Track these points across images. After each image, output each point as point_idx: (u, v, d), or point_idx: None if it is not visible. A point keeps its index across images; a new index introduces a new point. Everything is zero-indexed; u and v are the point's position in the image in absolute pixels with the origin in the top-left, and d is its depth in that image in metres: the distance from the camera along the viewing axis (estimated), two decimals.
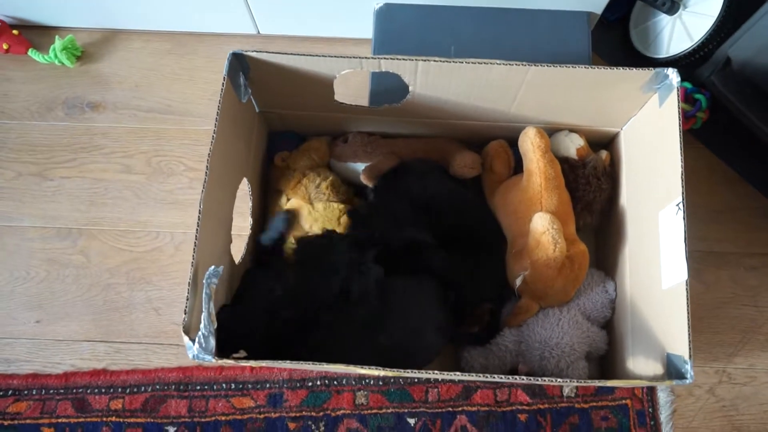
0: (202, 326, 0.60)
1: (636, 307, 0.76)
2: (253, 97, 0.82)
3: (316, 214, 0.83)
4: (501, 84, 0.74)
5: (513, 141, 0.86)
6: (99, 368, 0.90)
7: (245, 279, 0.79)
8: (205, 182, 0.64)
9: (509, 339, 0.81)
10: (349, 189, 0.90)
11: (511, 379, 0.59)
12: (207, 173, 0.64)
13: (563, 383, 0.60)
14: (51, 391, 0.89)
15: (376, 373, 0.58)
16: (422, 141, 0.91)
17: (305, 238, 0.81)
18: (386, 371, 0.58)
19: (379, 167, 0.86)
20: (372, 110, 0.84)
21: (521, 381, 0.58)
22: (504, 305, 0.85)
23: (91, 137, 1.04)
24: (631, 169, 0.83)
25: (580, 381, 0.61)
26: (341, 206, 0.85)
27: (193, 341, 0.59)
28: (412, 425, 0.87)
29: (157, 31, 1.11)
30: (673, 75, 0.68)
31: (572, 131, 0.87)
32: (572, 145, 0.86)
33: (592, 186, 0.84)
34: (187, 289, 0.60)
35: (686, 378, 0.59)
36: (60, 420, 0.87)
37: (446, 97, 0.79)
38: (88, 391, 0.88)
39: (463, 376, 0.60)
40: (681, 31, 0.95)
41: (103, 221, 0.99)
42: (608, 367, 0.83)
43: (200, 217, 0.63)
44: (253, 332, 0.71)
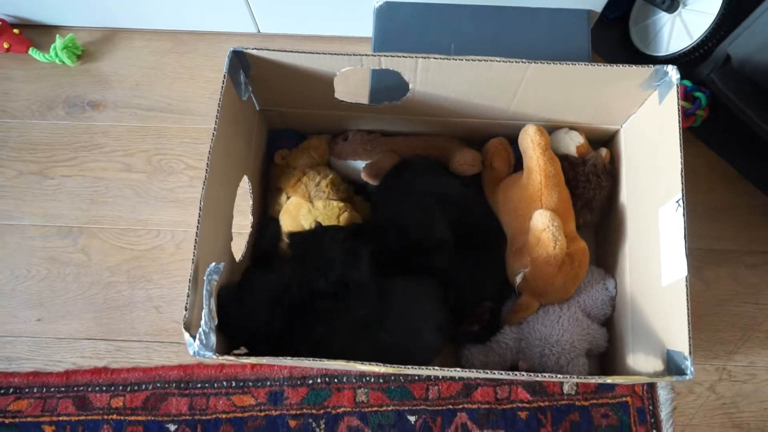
0: (203, 323, 0.60)
1: (636, 304, 0.77)
2: (254, 95, 0.82)
3: (316, 213, 0.84)
4: (501, 81, 0.74)
5: (513, 139, 0.86)
6: (100, 366, 0.90)
7: (244, 275, 0.79)
8: (206, 179, 0.64)
9: (509, 336, 0.82)
10: (349, 187, 0.90)
11: (511, 376, 0.59)
12: (207, 170, 0.64)
13: (563, 380, 0.60)
14: (52, 389, 0.89)
15: (376, 369, 0.58)
16: (422, 139, 0.91)
17: (297, 233, 0.81)
18: (386, 367, 0.58)
19: (380, 165, 0.86)
20: (372, 108, 0.84)
21: (521, 377, 0.58)
22: (504, 303, 0.85)
23: (92, 136, 1.04)
24: (631, 167, 0.83)
25: (580, 377, 0.61)
26: (341, 204, 0.85)
27: (194, 338, 0.59)
28: (413, 423, 0.87)
29: (158, 30, 1.11)
30: (673, 72, 0.68)
31: (572, 129, 0.87)
32: (572, 143, 0.86)
33: (592, 183, 0.84)
34: (188, 286, 0.60)
35: (686, 374, 0.59)
36: (61, 418, 0.87)
37: (446, 95, 0.79)
38: (89, 390, 0.89)
39: (463, 372, 0.60)
40: (681, 29, 0.95)
41: (104, 220, 0.99)
42: (608, 364, 0.83)
43: (201, 214, 0.63)
44: (252, 318, 0.71)
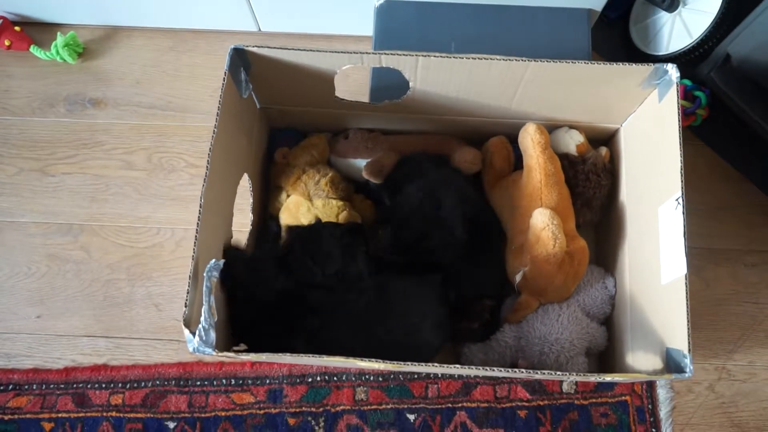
0: (203, 319, 0.60)
1: (636, 303, 0.77)
2: (254, 93, 0.82)
3: (315, 211, 0.84)
4: (501, 80, 0.75)
5: (513, 137, 0.86)
6: (99, 363, 0.90)
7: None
8: (206, 177, 0.64)
9: (509, 335, 0.82)
10: (350, 186, 0.90)
11: (511, 373, 0.59)
12: (208, 167, 0.64)
13: (562, 377, 0.60)
14: (51, 386, 0.89)
15: (376, 366, 0.58)
16: (423, 137, 0.91)
17: (296, 226, 0.81)
18: (385, 364, 0.58)
19: (381, 163, 0.86)
20: (372, 107, 0.84)
21: (520, 375, 0.58)
22: (504, 301, 0.85)
23: (93, 133, 1.04)
24: (631, 166, 0.83)
25: (580, 375, 0.61)
26: (340, 203, 0.85)
27: (194, 334, 0.59)
28: (412, 421, 0.87)
29: (159, 28, 1.11)
30: (673, 70, 0.69)
31: (572, 127, 0.87)
32: (572, 142, 0.86)
33: (592, 182, 0.84)
34: (188, 282, 0.60)
35: (685, 372, 0.59)
36: (60, 415, 0.87)
37: (446, 93, 0.79)
38: (89, 386, 0.89)
39: (463, 369, 0.60)
40: (681, 29, 0.95)
41: (104, 217, 0.99)
42: (608, 363, 0.83)
43: (201, 211, 0.63)
44: (257, 274, 0.72)
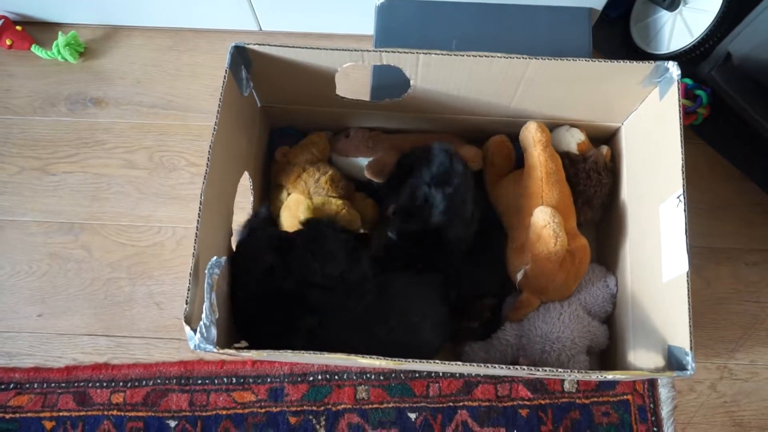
0: (204, 316, 0.60)
1: (637, 301, 0.76)
2: (255, 92, 0.82)
3: (315, 209, 0.84)
4: (502, 78, 0.75)
5: (514, 136, 0.86)
6: (100, 362, 0.90)
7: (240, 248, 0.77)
8: (206, 174, 0.64)
9: (510, 333, 0.81)
10: (350, 184, 0.90)
11: (512, 370, 0.59)
12: (208, 164, 0.64)
13: (563, 375, 0.60)
14: (52, 385, 0.89)
15: (377, 364, 0.58)
16: (423, 136, 0.91)
17: (311, 221, 0.81)
18: (386, 361, 0.58)
19: (383, 162, 0.86)
20: (373, 105, 0.84)
21: (522, 372, 0.58)
22: (505, 300, 0.85)
23: (94, 133, 1.04)
24: (632, 164, 0.83)
25: (581, 372, 0.61)
26: (339, 202, 0.85)
27: (195, 331, 0.59)
28: (413, 420, 0.87)
29: (159, 28, 1.11)
30: (674, 68, 0.69)
31: (573, 126, 0.87)
32: (573, 140, 0.86)
33: (593, 180, 0.84)
34: (189, 280, 0.60)
35: (687, 369, 0.59)
36: (61, 414, 0.87)
37: (447, 91, 0.79)
38: (90, 385, 0.89)
39: (463, 367, 0.60)
40: (681, 27, 0.95)
41: (105, 216, 0.99)
42: (609, 361, 0.83)
43: (201, 208, 0.63)
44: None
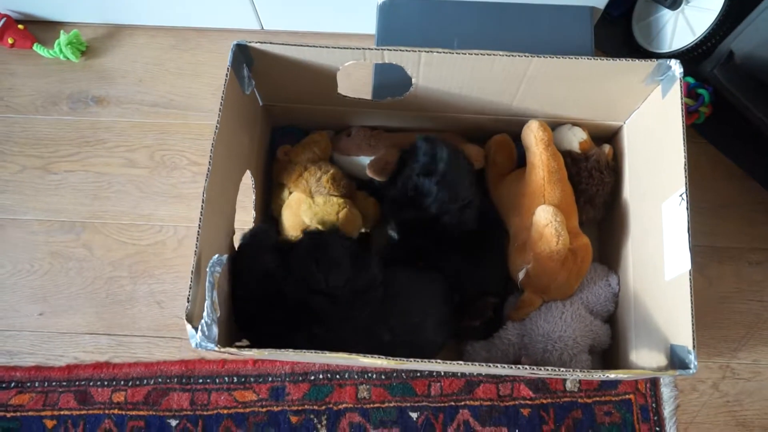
0: (206, 314, 0.60)
1: (639, 300, 0.76)
2: (257, 90, 0.82)
3: (316, 208, 0.83)
4: (504, 76, 0.74)
5: (516, 135, 0.86)
6: (102, 361, 0.90)
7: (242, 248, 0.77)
8: (209, 173, 0.64)
9: (512, 332, 0.81)
10: (352, 183, 0.90)
11: (513, 369, 0.59)
12: (210, 162, 0.64)
13: (565, 374, 0.60)
14: (54, 384, 0.89)
15: (379, 363, 0.58)
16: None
17: (312, 231, 0.81)
18: (388, 360, 0.58)
19: (385, 160, 0.86)
20: (375, 104, 0.84)
21: (523, 371, 0.58)
22: (507, 299, 0.85)
23: (95, 131, 1.04)
24: (634, 163, 0.83)
25: (583, 371, 0.61)
26: (340, 201, 0.85)
27: (196, 329, 0.59)
28: (415, 419, 0.86)
29: (161, 27, 1.11)
30: (676, 66, 0.68)
31: (575, 125, 0.87)
32: (575, 139, 0.86)
33: (595, 179, 0.84)
34: (190, 278, 0.60)
35: (690, 368, 0.59)
36: (62, 412, 0.87)
37: (449, 90, 0.79)
38: (91, 384, 0.89)
39: (465, 366, 0.60)
40: (684, 26, 0.95)
41: (107, 215, 0.99)
42: (612, 360, 0.83)
43: (203, 207, 0.63)
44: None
